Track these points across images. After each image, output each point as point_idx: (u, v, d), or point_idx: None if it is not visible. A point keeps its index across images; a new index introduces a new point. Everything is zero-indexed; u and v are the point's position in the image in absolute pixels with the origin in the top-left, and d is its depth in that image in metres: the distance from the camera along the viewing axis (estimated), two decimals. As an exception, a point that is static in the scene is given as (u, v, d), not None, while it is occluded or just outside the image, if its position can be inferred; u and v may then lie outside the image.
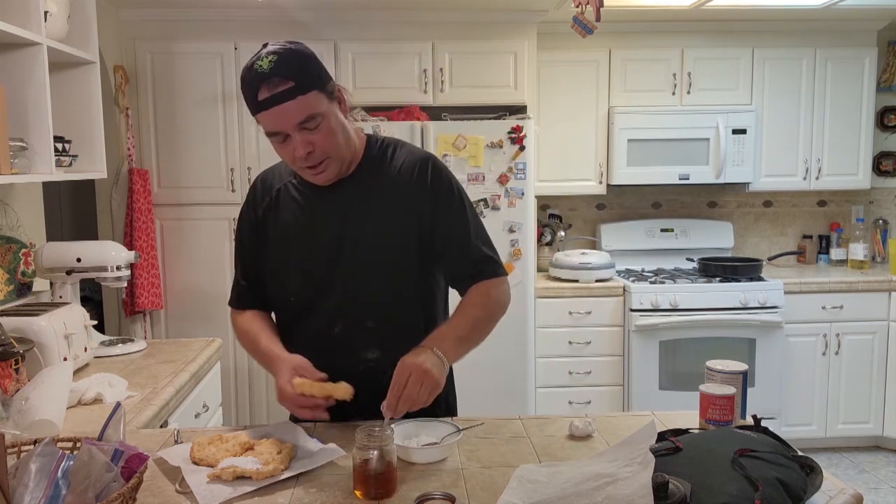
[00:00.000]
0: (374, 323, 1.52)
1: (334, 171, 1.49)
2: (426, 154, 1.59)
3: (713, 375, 1.49)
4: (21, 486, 1.05)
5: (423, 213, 1.52)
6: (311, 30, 3.51)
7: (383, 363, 1.46)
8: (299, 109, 1.37)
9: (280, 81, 1.35)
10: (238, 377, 3.63)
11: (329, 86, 1.43)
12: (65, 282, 2.37)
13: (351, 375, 1.45)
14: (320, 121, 1.40)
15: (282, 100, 1.36)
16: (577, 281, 3.74)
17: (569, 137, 3.94)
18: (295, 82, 1.36)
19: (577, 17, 2.69)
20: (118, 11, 3.42)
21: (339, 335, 1.53)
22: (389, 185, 1.53)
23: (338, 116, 1.45)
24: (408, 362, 1.37)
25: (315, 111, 1.39)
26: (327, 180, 1.50)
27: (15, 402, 1.59)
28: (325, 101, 1.41)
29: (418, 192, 1.52)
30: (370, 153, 1.56)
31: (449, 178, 1.57)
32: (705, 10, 3.64)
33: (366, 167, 1.55)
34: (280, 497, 1.21)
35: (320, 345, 1.53)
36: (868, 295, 3.80)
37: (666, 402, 3.61)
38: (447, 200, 1.54)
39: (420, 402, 1.35)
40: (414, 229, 1.51)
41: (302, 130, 1.40)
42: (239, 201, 3.53)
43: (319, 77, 1.41)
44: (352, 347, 1.53)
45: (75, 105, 2.42)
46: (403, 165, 1.54)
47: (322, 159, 1.45)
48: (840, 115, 4.03)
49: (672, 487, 1.05)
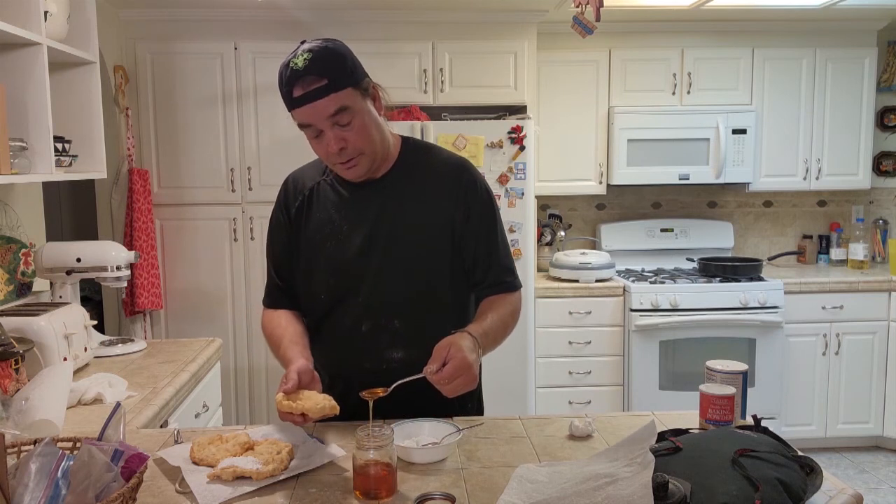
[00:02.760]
0: (401, 323, 1.52)
1: (365, 168, 1.50)
2: (463, 160, 1.60)
3: (713, 375, 1.49)
4: (21, 486, 1.05)
5: (455, 218, 1.53)
6: (311, 30, 3.51)
7: (407, 364, 1.47)
8: (332, 106, 1.39)
9: (314, 80, 1.38)
10: (238, 377, 3.63)
11: (364, 83, 1.45)
12: (65, 282, 2.37)
13: (376, 374, 1.47)
14: (353, 117, 1.42)
15: (315, 97, 1.38)
16: (577, 281, 3.74)
17: (569, 137, 3.94)
18: (328, 80, 1.38)
19: (577, 17, 2.69)
20: (118, 11, 3.42)
21: (366, 334, 1.54)
22: (424, 188, 1.54)
23: (372, 113, 1.47)
24: (461, 354, 1.32)
25: (347, 108, 1.41)
26: (358, 176, 1.52)
27: (15, 402, 1.59)
28: (358, 98, 1.43)
29: (453, 198, 1.53)
30: (405, 155, 1.58)
31: (485, 187, 1.59)
32: (705, 10, 3.64)
33: (401, 168, 1.56)
34: (280, 497, 1.21)
35: (348, 343, 1.55)
36: (868, 295, 3.80)
37: (666, 402, 3.61)
38: (481, 208, 1.56)
39: (447, 391, 1.33)
40: (447, 233, 1.53)
41: (335, 126, 1.42)
42: (239, 201, 3.55)
43: (353, 74, 1.43)
44: (378, 347, 1.54)
45: (75, 105, 2.42)
46: (440, 169, 1.56)
47: (354, 155, 1.46)
48: (840, 115, 4.04)
49: (672, 487, 1.05)
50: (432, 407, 1.49)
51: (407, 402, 1.44)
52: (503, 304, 1.55)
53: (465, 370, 1.32)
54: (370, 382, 1.45)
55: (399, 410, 1.47)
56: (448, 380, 1.32)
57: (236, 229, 3.57)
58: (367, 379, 1.45)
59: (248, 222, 3.56)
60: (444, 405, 1.50)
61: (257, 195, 3.54)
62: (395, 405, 1.44)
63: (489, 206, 1.58)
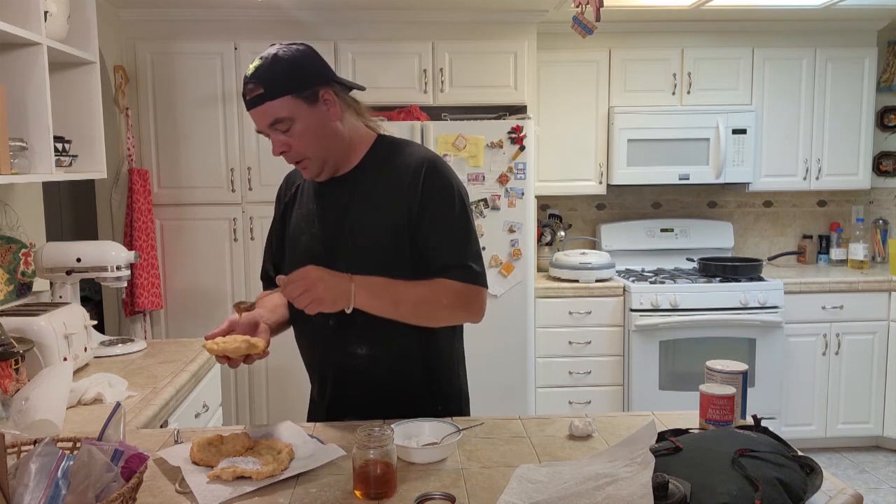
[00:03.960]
0: (363, 318, 1.50)
1: (316, 169, 1.54)
2: (429, 154, 1.58)
3: (713, 375, 1.49)
4: (21, 486, 1.05)
5: (413, 209, 1.51)
6: (311, 30, 3.51)
7: (371, 360, 1.54)
8: (266, 114, 1.45)
9: (253, 87, 1.45)
10: (238, 377, 3.63)
11: (309, 91, 1.46)
12: (65, 282, 2.37)
13: (341, 370, 1.56)
14: (291, 124, 1.46)
15: (252, 105, 1.46)
16: (577, 281, 3.74)
17: (569, 137, 3.94)
18: (264, 89, 1.43)
19: (577, 17, 2.69)
20: (118, 11, 3.42)
21: (333, 328, 1.55)
22: (386, 184, 1.54)
23: (320, 119, 1.48)
24: (313, 269, 1.40)
25: (282, 116, 1.45)
26: (312, 176, 1.57)
27: (15, 402, 1.59)
28: (301, 106, 1.45)
29: (411, 191, 1.51)
30: (375, 152, 1.58)
31: (446, 180, 1.54)
32: (705, 10, 3.64)
33: (368, 165, 1.57)
34: (280, 497, 1.21)
35: (317, 338, 1.59)
36: (868, 295, 3.80)
37: (666, 402, 3.61)
38: (436, 200, 1.52)
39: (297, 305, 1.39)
40: (404, 227, 1.51)
41: (275, 132, 1.48)
42: (239, 201, 3.55)
43: (295, 83, 1.45)
44: (343, 342, 1.56)
45: (75, 105, 2.42)
46: (403, 164, 1.55)
47: (299, 158, 1.52)
48: (840, 115, 4.04)
49: (672, 487, 1.05)
50: (410, 408, 1.54)
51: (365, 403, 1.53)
52: (436, 283, 1.48)
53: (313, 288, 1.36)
54: (339, 376, 1.57)
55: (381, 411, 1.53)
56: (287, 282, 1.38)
57: (236, 229, 3.57)
58: (337, 372, 1.57)
59: (248, 222, 3.56)
60: (421, 406, 1.56)
61: (257, 195, 3.54)
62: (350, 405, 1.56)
63: (446, 197, 1.53)
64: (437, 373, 1.61)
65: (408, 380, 1.58)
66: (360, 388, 1.56)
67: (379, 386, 1.57)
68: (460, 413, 1.67)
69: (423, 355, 1.58)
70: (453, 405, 1.65)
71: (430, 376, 1.60)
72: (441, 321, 1.55)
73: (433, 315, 1.52)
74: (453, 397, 1.66)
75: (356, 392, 1.55)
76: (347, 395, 1.56)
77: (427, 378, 1.59)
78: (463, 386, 1.69)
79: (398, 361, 1.57)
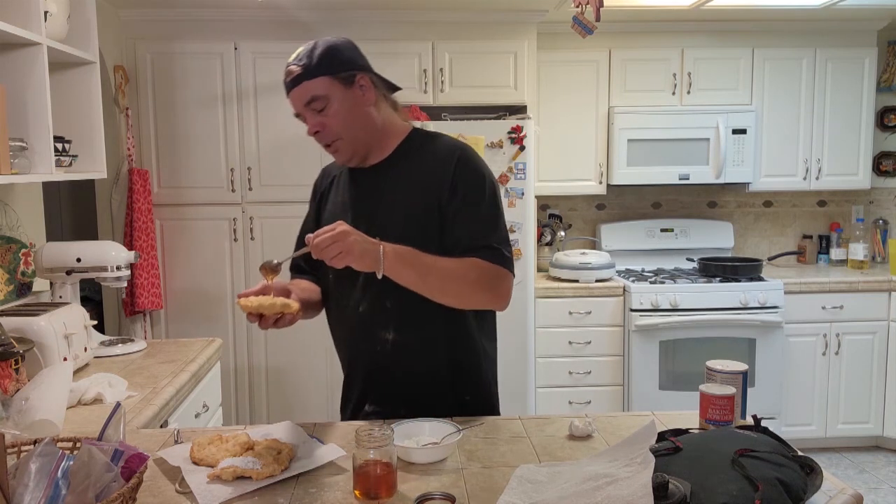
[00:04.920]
0: (392, 304, 1.55)
1: (348, 152, 1.59)
2: (461, 144, 1.63)
3: (713, 375, 1.49)
4: (21, 486, 1.05)
5: (443, 195, 1.54)
6: (311, 30, 3.51)
7: (399, 347, 1.57)
8: (303, 93, 1.52)
9: (293, 69, 1.53)
10: (238, 377, 3.63)
11: (345, 73, 1.53)
12: (65, 282, 2.37)
13: (370, 356, 1.59)
14: (326, 104, 1.52)
15: (291, 85, 1.53)
16: (577, 281, 3.74)
17: (569, 137, 3.94)
18: (303, 70, 1.51)
19: (577, 17, 2.69)
20: (118, 11, 3.42)
21: (362, 314, 1.59)
22: (419, 170, 1.58)
23: (353, 102, 1.55)
24: (343, 223, 1.40)
25: (318, 94, 1.52)
26: (344, 161, 1.62)
27: (15, 402, 1.59)
28: (336, 87, 1.52)
29: (443, 176, 1.55)
30: (409, 142, 1.64)
31: (478, 167, 1.58)
32: (705, 10, 3.64)
33: (401, 153, 1.62)
34: (280, 497, 1.21)
35: (349, 322, 1.62)
36: (868, 295, 3.80)
37: (666, 402, 3.61)
38: (467, 184, 1.55)
39: (325, 257, 1.37)
40: (435, 212, 1.54)
41: (311, 112, 1.54)
42: (239, 201, 3.55)
43: (332, 66, 1.52)
44: (372, 328, 1.58)
45: (75, 105, 2.42)
46: (436, 151, 1.60)
47: (332, 139, 1.56)
48: (840, 115, 4.04)
49: (672, 487, 1.05)
50: (435, 399, 1.58)
51: (415, 401, 1.56)
52: (465, 260, 1.50)
53: (342, 238, 1.36)
54: (368, 365, 1.60)
55: (410, 410, 1.54)
56: (316, 236, 1.37)
57: (236, 229, 3.57)
58: (364, 360, 1.60)
59: (248, 222, 3.56)
60: (449, 406, 1.59)
61: (257, 195, 3.54)
62: (377, 394, 1.59)
63: (478, 182, 1.56)
64: (463, 364, 1.61)
65: (434, 370, 1.59)
66: (386, 377, 1.59)
67: (406, 375, 1.59)
68: (489, 406, 1.67)
69: (450, 345, 1.59)
70: (482, 397, 1.66)
71: (456, 367, 1.60)
72: (467, 300, 1.53)
73: (460, 291, 1.50)
74: (482, 389, 1.66)
75: (382, 376, 1.59)
76: (374, 384, 1.60)
77: (453, 369, 1.60)
78: (492, 381, 1.69)
79: (425, 349, 1.58)
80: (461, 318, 1.59)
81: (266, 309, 1.41)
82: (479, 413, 1.62)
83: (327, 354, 3.58)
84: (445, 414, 1.56)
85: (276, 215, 3.49)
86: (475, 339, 1.62)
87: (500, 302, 1.55)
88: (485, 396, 1.66)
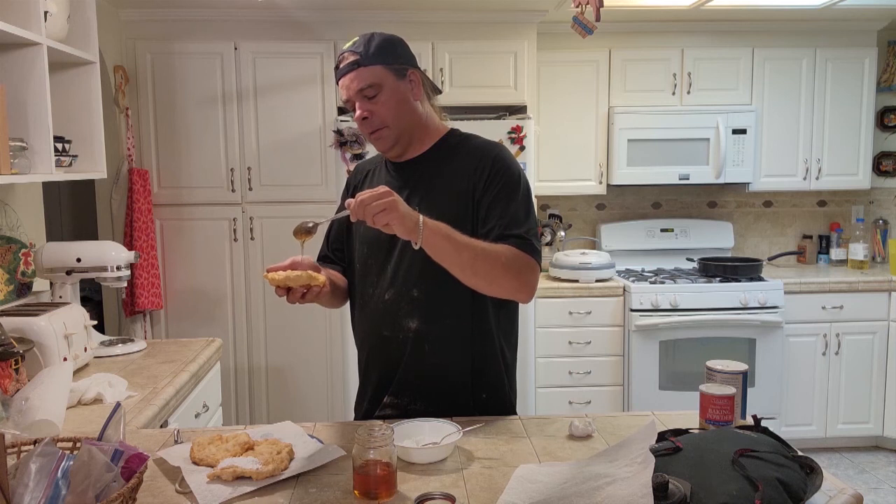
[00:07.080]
0: (419, 293, 1.57)
1: (391, 141, 1.62)
2: (496, 143, 1.68)
3: (713, 375, 1.49)
4: (21, 486, 1.05)
5: (477, 189, 1.58)
6: (311, 30, 3.51)
7: (420, 336, 1.58)
8: (358, 79, 1.56)
9: (349, 55, 1.57)
10: (238, 377, 3.63)
11: (400, 67, 1.59)
12: (65, 282, 2.37)
13: (394, 343, 1.60)
14: (378, 91, 1.57)
15: (346, 71, 1.58)
16: (577, 281, 3.74)
17: (569, 137, 3.94)
18: (359, 56, 1.56)
19: (577, 17, 2.69)
20: (118, 11, 3.42)
21: (388, 302, 1.60)
22: (455, 165, 1.62)
23: (403, 93, 1.60)
24: (395, 195, 1.38)
25: (372, 82, 1.56)
26: (385, 149, 1.65)
27: (15, 402, 1.59)
28: (389, 76, 1.58)
29: (479, 170, 1.59)
30: (447, 140, 1.68)
31: (513, 164, 1.62)
32: (705, 10, 3.64)
33: (438, 150, 1.66)
34: (280, 497, 1.22)
35: (373, 311, 1.64)
36: (868, 295, 3.80)
37: (666, 402, 3.61)
38: (501, 178, 1.58)
39: (367, 215, 1.36)
40: (468, 205, 1.58)
41: (362, 98, 1.57)
42: (239, 201, 3.55)
43: (388, 57, 1.58)
44: (396, 315, 1.60)
45: (75, 105, 2.42)
46: (473, 148, 1.65)
47: (378, 126, 1.60)
48: (840, 115, 4.04)
49: (672, 487, 1.05)
50: (452, 397, 1.60)
51: (433, 395, 1.59)
52: (497, 244, 1.51)
53: (386, 196, 1.35)
54: (388, 353, 1.61)
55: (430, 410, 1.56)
56: (359, 196, 1.35)
57: (236, 229, 3.56)
58: (385, 349, 1.61)
59: (247, 222, 3.56)
60: (466, 403, 1.61)
61: (257, 195, 3.53)
62: (398, 382, 1.60)
63: (512, 176, 1.59)
64: (482, 361, 1.61)
65: (454, 363, 1.60)
66: (406, 367, 1.60)
67: (426, 367, 1.59)
68: (508, 406, 1.68)
69: (471, 341, 1.60)
70: (499, 398, 1.66)
71: (475, 364, 1.61)
72: (496, 283, 1.51)
73: (490, 272, 1.49)
74: (499, 388, 1.66)
75: (404, 372, 1.60)
76: (394, 375, 1.61)
77: (473, 365, 1.61)
78: (511, 381, 1.69)
79: (447, 341, 1.59)
80: (484, 315, 1.61)
81: (293, 281, 1.42)
82: (495, 412, 1.63)
83: (327, 354, 3.58)
84: (462, 411, 1.58)
85: (276, 215, 3.49)
86: (495, 338, 1.63)
87: (525, 291, 1.55)
88: (501, 397, 1.66)
